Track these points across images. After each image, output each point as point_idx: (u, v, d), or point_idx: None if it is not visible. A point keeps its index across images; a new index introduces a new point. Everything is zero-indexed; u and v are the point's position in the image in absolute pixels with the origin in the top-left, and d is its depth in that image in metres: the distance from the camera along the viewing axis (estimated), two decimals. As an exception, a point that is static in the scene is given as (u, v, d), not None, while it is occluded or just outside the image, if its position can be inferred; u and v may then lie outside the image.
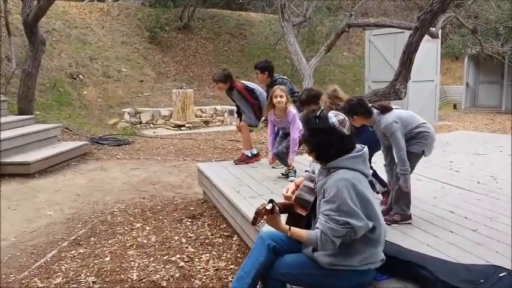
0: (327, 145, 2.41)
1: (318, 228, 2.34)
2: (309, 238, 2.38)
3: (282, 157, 5.21)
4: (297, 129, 5.00)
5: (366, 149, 2.50)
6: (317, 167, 2.66)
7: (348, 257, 2.42)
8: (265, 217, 2.40)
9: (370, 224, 2.35)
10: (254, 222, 2.42)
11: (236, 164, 5.93)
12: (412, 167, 3.65)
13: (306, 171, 2.89)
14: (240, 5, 20.37)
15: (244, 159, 6.02)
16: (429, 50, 11.90)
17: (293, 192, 2.79)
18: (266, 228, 2.60)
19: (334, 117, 2.43)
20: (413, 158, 3.62)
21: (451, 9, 12.32)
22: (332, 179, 2.37)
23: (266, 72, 5.86)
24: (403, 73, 7.36)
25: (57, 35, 14.71)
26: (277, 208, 2.42)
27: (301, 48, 14.80)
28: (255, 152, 6.17)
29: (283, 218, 2.55)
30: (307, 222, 2.62)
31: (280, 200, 2.69)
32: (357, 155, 2.43)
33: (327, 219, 2.31)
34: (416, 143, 3.59)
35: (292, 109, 5.14)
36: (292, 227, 2.44)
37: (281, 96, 5.06)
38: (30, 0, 9.10)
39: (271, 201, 2.43)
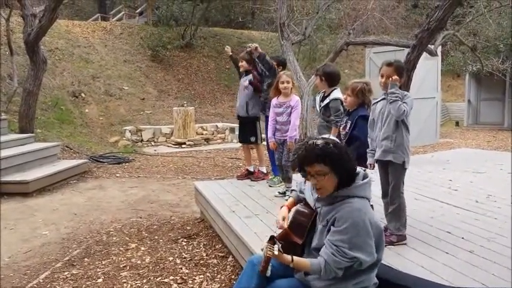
0: (344, 169, 2.32)
1: (322, 256, 2.28)
2: (313, 268, 2.31)
3: (285, 170, 5.19)
4: (298, 116, 5.10)
5: (370, 175, 2.46)
6: (306, 187, 2.61)
7: (342, 282, 2.35)
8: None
9: (375, 257, 2.29)
10: (264, 270, 2.31)
11: (251, 180, 6.03)
12: (401, 180, 3.61)
13: (293, 190, 2.84)
14: (242, 23, 20.55)
15: (261, 176, 6.12)
16: (430, 67, 11.96)
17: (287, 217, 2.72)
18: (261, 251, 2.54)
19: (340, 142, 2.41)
20: (398, 170, 3.59)
21: (451, 26, 12.38)
22: (347, 208, 2.27)
23: (281, 66, 6.16)
24: (402, 90, 7.38)
25: (60, 53, 14.86)
26: (279, 245, 2.33)
27: (303, 65, 14.92)
28: (251, 169, 6.18)
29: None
30: (302, 249, 2.56)
31: (274, 220, 2.64)
32: (366, 182, 2.36)
33: (334, 252, 2.23)
34: (397, 151, 3.56)
35: (296, 96, 5.22)
36: (294, 257, 2.34)
37: (287, 82, 5.10)
38: (32, 19, 9.21)
39: (272, 238, 2.31)
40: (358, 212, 2.24)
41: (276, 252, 2.25)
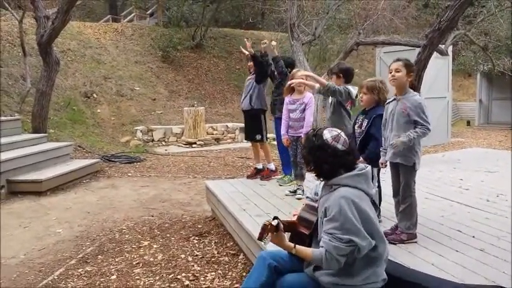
0: (321, 161, 2.44)
1: (322, 246, 2.34)
2: (314, 256, 2.38)
3: (299, 167, 5.23)
4: (312, 112, 5.21)
5: (369, 168, 2.49)
6: (320, 188, 2.66)
7: (349, 277, 2.40)
8: (270, 234, 2.41)
9: (373, 242, 2.34)
10: (260, 237, 2.42)
11: (262, 179, 6.05)
12: (412, 180, 3.62)
13: (307, 197, 2.87)
14: (252, 24, 20.56)
15: (270, 175, 6.14)
16: (441, 67, 11.91)
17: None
18: (271, 247, 2.59)
19: (328, 133, 2.46)
20: (408, 171, 3.60)
21: (462, 26, 12.31)
22: (333, 197, 2.37)
23: (289, 68, 6.08)
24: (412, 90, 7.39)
25: (72, 54, 15.01)
26: (281, 226, 2.43)
27: (312, 66, 14.91)
28: (260, 167, 6.23)
29: (287, 236, 2.54)
30: (309, 241, 2.61)
31: (285, 218, 2.69)
32: (359, 174, 2.43)
33: (330, 238, 2.30)
34: (408, 154, 3.57)
35: (309, 93, 5.27)
36: (297, 245, 2.44)
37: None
38: (45, 21, 9.33)
39: (275, 218, 2.44)
40: (342, 199, 2.32)
41: (274, 223, 2.36)
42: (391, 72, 3.63)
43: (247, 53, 6.08)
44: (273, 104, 6.08)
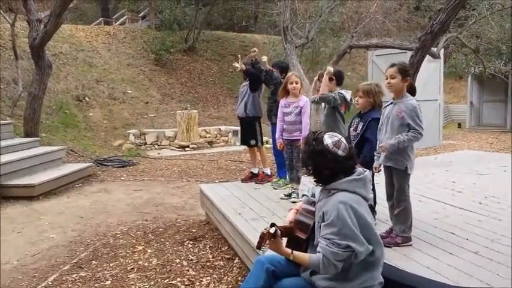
0: (321, 167, 2.43)
1: (319, 252, 2.34)
2: (312, 262, 2.37)
3: (296, 170, 5.25)
4: (308, 116, 5.18)
5: (367, 172, 2.50)
6: (317, 190, 2.67)
7: (346, 281, 2.40)
8: (268, 241, 2.41)
9: (370, 248, 2.35)
10: (259, 246, 2.42)
11: (256, 183, 6.06)
12: (406, 184, 3.64)
13: (304, 195, 2.88)
14: (244, 27, 20.58)
15: (265, 178, 6.16)
16: (432, 69, 11.99)
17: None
18: (269, 252, 2.59)
19: (329, 138, 2.45)
20: (401, 175, 3.62)
21: (453, 29, 12.41)
22: (331, 201, 2.37)
23: (284, 74, 6.05)
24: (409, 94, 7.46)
25: (64, 58, 14.94)
26: (279, 232, 2.43)
27: (305, 68, 14.96)
28: (255, 171, 6.24)
29: (283, 241, 2.55)
30: (306, 245, 2.62)
31: (280, 222, 2.69)
32: (358, 178, 2.43)
33: (328, 243, 2.30)
34: (399, 158, 3.59)
35: (305, 97, 5.28)
36: (294, 251, 2.44)
37: (296, 83, 5.20)
38: (37, 24, 9.28)
39: (273, 224, 2.43)
40: (341, 205, 2.31)
41: (272, 231, 2.35)
42: (386, 79, 3.66)
43: (239, 68, 6.07)
44: (269, 110, 6.08)
